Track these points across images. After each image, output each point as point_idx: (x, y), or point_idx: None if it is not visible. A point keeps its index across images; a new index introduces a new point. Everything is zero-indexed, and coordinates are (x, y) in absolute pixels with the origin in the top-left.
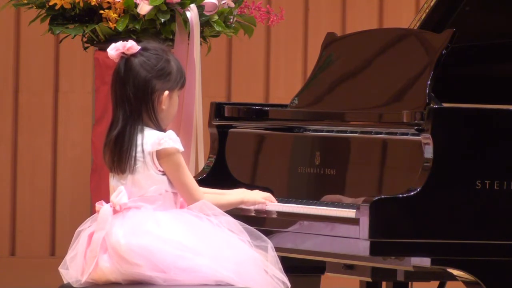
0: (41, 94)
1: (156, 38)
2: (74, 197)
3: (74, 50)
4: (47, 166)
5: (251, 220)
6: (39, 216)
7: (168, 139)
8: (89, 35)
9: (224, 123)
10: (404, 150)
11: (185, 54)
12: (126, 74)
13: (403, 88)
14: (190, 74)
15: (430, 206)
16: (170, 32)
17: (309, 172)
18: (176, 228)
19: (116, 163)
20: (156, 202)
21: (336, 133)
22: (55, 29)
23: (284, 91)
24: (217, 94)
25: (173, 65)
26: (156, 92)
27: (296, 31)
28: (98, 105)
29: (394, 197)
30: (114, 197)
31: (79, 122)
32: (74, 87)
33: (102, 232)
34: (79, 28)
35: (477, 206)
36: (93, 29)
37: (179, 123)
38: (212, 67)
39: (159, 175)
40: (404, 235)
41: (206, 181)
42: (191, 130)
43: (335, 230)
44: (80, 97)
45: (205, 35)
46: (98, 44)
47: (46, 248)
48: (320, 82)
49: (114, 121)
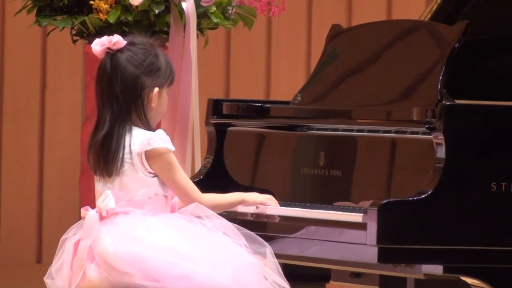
0: (27, 90)
1: (149, 31)
2: (62, 200)
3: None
4: (33, 167)
5: (250, 225)
6: (25, 220)
7: (157, 139)
8: (78, 27)
9: (223, 121)
10: (414, 150)
11: (181, 48)
12: (113, 71)
13: (413, 84)
14: (186, 69)
15: (442, 210)
16: (164, 24)
17: (313, 173)
18: (168, 233)
19: (102, 166)
20: (145, 207)
21: (341, 132)
22: (42, 20)
23: (286, 87)
24: (215, 90)
25: (162, 60)
26: (146, 89)
27: (299, 23)
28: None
29: (403, 200)
30: (100, 202)
31: (67, 120)
32: (63, 83)
33: (89, 240)
34: (68, 20)
35: (492, 209)
36: (83, 21)
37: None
38: (210, 61)
39: (148, 177)
40: (414, 240)
41: (202, 183)
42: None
43: (341, 235)
44: (69, 93)
45: (202, 27)
46: (88, 37)
47: (32, 254)
48: (325, 77)
49: (100, 121)
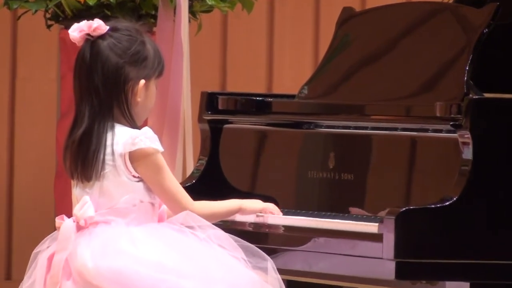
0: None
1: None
2: (34, 208)
3: (35, 28)
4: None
5: (250, 236)
6: None
7: (143, 138)
8: (53, 10)
9: (218, 117)
10: (437, 151)
11: (170, 34)
12: (93, 60)
13: (436, 75)
14: (177, 58)
15: (469, 219)
16: (152, 7)
17: (322, 177)
18: (155, 246)
19: (80, 169)
20: (129, 215)
21: (354, 130)
22: (12, 3)
23: (291, 79)
24: (210, 83)
25: (149, 48)
26: (130, 81)
27: (305, 5)
28: (64, 95)
29: (425, 208)
30: (78, 210)
31: (41, 116)
32: (35, 73)
33: (64, 253)
34: (41, 1)
35: None
36: (58, 3)
37: (163, 118)
38: (203, 49)
39: (132, 182)
40: (437, 254)
41: (195, 188)
42: (178, 127)
43: (353, 248)
44: (43, 85)
45: (194, 10)
46: (65, 22)
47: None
48: (335, 67)
49: (78, 117)
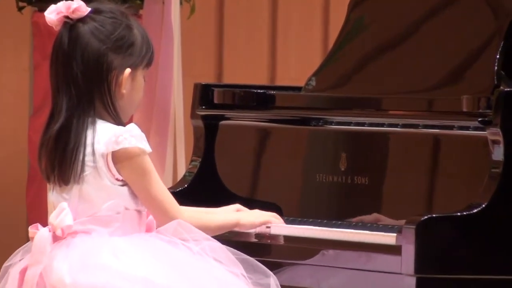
0: None
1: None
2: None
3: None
4: None
5: (250, 248)
6: None
7: (128, 136)
8: None
9: (214, 112)
10: (464, 151)
11: (159, 18)
12: (72, 46)
13: (462, 65)
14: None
15: (500, 229)
16: None
17: (332, 181)
18: (141, 259)
19: (57, 171)
20: (112, 224)
21: (369, 127)
22: None
23: (297, 69)
24: (204, 73)
25: (136, 33)
26: (114, 70)
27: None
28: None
29: (449, 216)
30: (54, 217)
31: (11, 111)
32: (5, 62)
33: (39, 267)
34: None
35: None
36: None
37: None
38: (197, 35)
39: (116, 186)
40: (463, 269)
41: (187, 194)
42: (167, 123)
43: (368, 262)
44: (13, 76)
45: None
46: (38, 4)
47: None
48: (347, 56)
49: (54, 111)
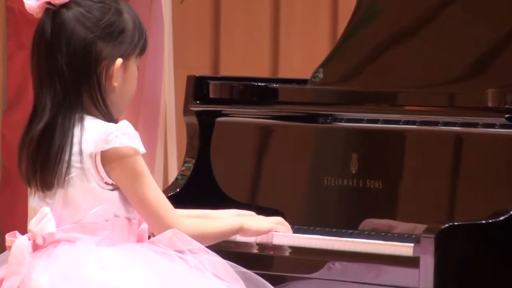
0: None
1: None
2: None
3: None
4: None
5: (251, 260)
6: None
7: (120, 134)
8: None
9: (209, 108)
10: (489, 151)
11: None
12: (56, 35)
13: (486, 55)
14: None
15: None
16: None
17: (341, 185)
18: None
19: (39, 174)
20: (99, 233)
21: (382, 125)
22: None
23: (301, 60)
24: (198, 64)
25: (127, 18)
26: (104, 60)
27: None
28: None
29: (473, 224)
30: (35, 224)
31: None
32: None
33: (16, 278)
34: None
35: None
36: None
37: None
38: (190, 24)
39: (105, 190)
40: (488, 283)
41: (179, 198)
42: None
43: (380, 275)
44: None
45: None
46: None
47: None
48: (358, 46)
49: (37, 109)
